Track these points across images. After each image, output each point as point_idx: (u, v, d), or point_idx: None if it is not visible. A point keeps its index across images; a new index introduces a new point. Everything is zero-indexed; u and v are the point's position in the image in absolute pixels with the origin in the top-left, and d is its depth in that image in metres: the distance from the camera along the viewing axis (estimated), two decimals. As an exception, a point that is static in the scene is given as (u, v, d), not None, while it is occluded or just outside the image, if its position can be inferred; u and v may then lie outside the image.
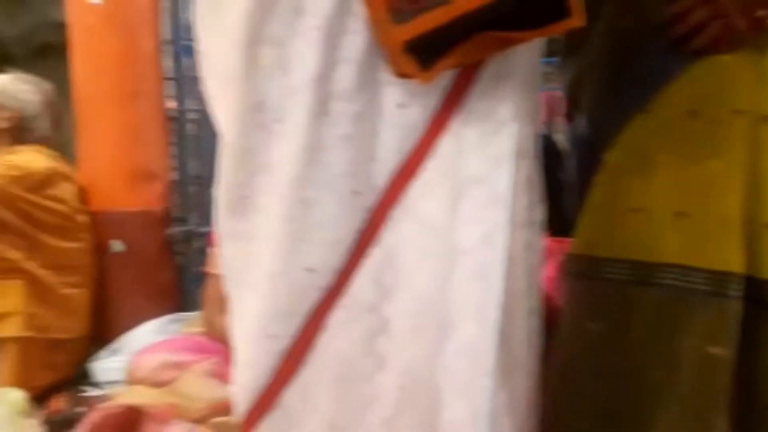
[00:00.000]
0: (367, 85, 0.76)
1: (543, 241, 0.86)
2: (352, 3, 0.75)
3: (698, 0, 0.88)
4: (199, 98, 2.42)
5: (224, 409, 1.52)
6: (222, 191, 0.85)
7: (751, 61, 0.87)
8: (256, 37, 0.77)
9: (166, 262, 2.21)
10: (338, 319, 0.80)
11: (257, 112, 0.78)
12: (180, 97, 2.31)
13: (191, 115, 2.38)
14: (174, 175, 2.26)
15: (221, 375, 1.64)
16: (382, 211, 0.78)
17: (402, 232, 0.77)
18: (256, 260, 0.83)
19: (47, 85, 2.07)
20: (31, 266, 1.85)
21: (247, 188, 0.82)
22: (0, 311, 1.80)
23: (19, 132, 1.98)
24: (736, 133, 0.85)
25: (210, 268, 1.87)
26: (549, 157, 0.93)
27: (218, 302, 1.84)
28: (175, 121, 2.29)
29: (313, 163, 0.77)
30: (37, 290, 1.86)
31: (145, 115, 2.15)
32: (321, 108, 0.76)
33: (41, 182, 1.90)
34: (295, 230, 0.79)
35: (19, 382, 1.75)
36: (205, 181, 2.44)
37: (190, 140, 2.38)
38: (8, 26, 3.61)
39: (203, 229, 2.33)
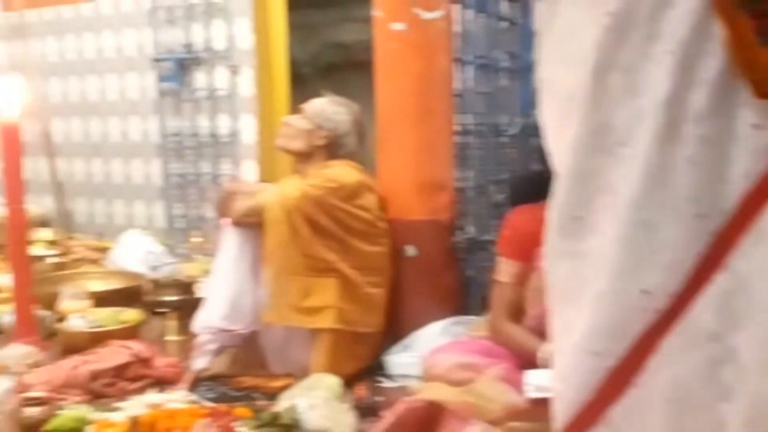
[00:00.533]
0: (719, 106, 0.76)
1: None
2: (710, 26, 0.75)
3: None
4: (478, 113, 2.54)
5: (518, 414, 1.59)
6: (555, 211, 0.89)
7: None
8: (607, 63, 0.80)
9: (451, 267, 2.34)
10: (674, 344, 0.79)
11: (601, 136, 0.82)
12: (464, 112, 2.44)
13: (471, 129, 2.51)
14: (458, 187, 2.39)
15: (511, 380, 1.71)
16: (731, 236, 0.76)
17: (756, 258, 0.75)
18: (587, 278, 0.86)
19: (355, 106, 2.32)
20: (343, 267, 2.08)
21: (582, 209, 0.85)
22: (317, 305, 2.05)
23: (333, 148, 2.25)
24: None
25: (497, 276, 1.95)
26: None
27: (504, 309, 1.92)
28: (459, 135, 2.41)
29: (657, 186, 0.78)
30: (347, 288, 2.08)
31: (437, 130, 2.30)
32: (670, 131, 0.77)
33: (352, 193, 2.13)
34: (632, 252, 0.80)
35: (330, 370, 1.99)
36: (483, 191, 2.55)
37: (471, 153, 2.51)
38: (300, 49, 4.08)
39: (484, 237, 2.43)
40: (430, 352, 1.89)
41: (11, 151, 2.20)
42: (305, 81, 4.03)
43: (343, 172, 2.16)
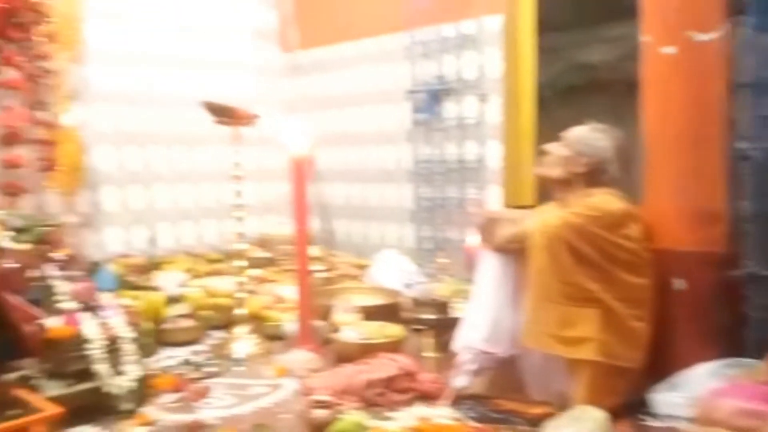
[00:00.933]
0: None
1: None
2: None
3: None
4: (757, 137, 2.32)
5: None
6: None
7: None
8: None
9: (725, 304, 2.17)
10: None
11: None
12: (740, 137, 2.25)
13: (749, 155, 2.30)
14: (734, 216, 2.21)
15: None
16: None
17: None
18: None
19: (617, 132, 2.26)
20: (606, 297, 2.03)
21: None
22: (579, 335, 2.02)
23: (594, 176, 2.21)
24: None
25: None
26: None
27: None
28: (734, 161, 2.24)
29: None
30: (610, 320, 2.03)
31: (709, 156, 2.15)
32: None
33: (615, 222, 2.07)
34: None
35: (589, 402, 1.95)
36: (765, 222, 2.32)
37: (749, 180, 2.30)
38: (542, 72, 4.06)
39: (766, 273, 2.21)
40: (709, 395, 1.77)
41: (299, 180, 2.50)
42: (545, 103, 4.01)
43: (606, 200, 2.12)
